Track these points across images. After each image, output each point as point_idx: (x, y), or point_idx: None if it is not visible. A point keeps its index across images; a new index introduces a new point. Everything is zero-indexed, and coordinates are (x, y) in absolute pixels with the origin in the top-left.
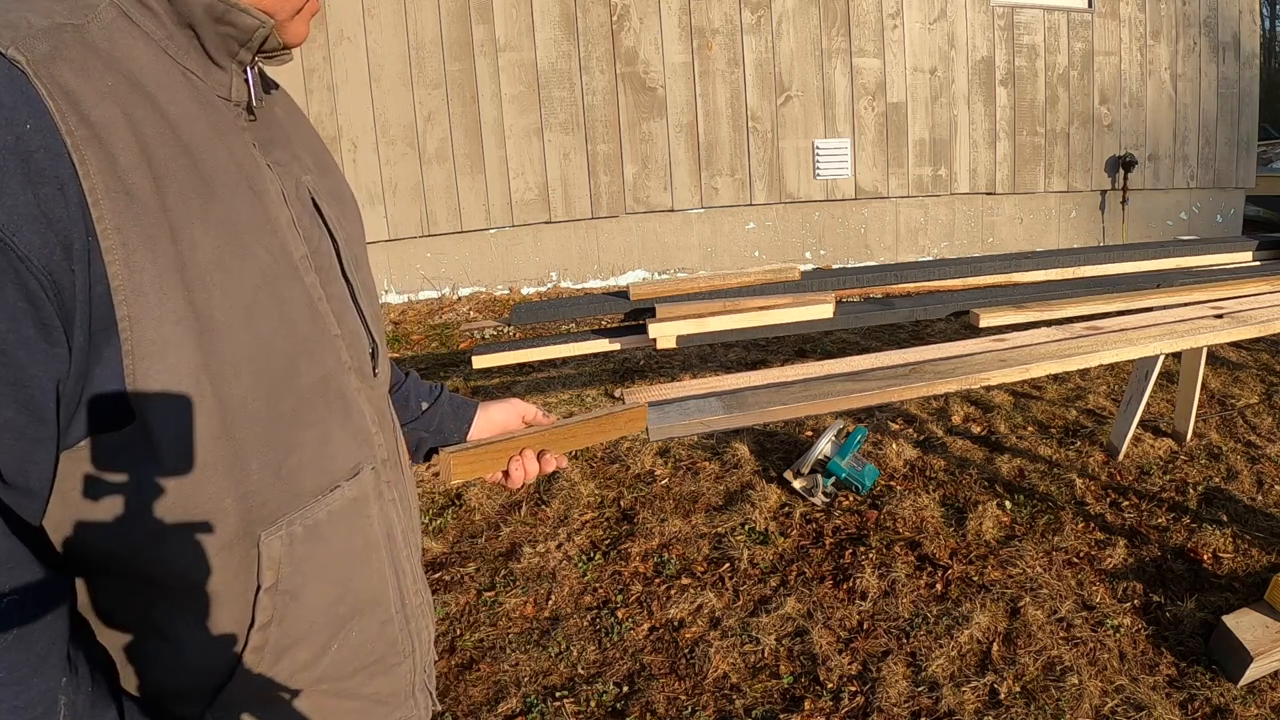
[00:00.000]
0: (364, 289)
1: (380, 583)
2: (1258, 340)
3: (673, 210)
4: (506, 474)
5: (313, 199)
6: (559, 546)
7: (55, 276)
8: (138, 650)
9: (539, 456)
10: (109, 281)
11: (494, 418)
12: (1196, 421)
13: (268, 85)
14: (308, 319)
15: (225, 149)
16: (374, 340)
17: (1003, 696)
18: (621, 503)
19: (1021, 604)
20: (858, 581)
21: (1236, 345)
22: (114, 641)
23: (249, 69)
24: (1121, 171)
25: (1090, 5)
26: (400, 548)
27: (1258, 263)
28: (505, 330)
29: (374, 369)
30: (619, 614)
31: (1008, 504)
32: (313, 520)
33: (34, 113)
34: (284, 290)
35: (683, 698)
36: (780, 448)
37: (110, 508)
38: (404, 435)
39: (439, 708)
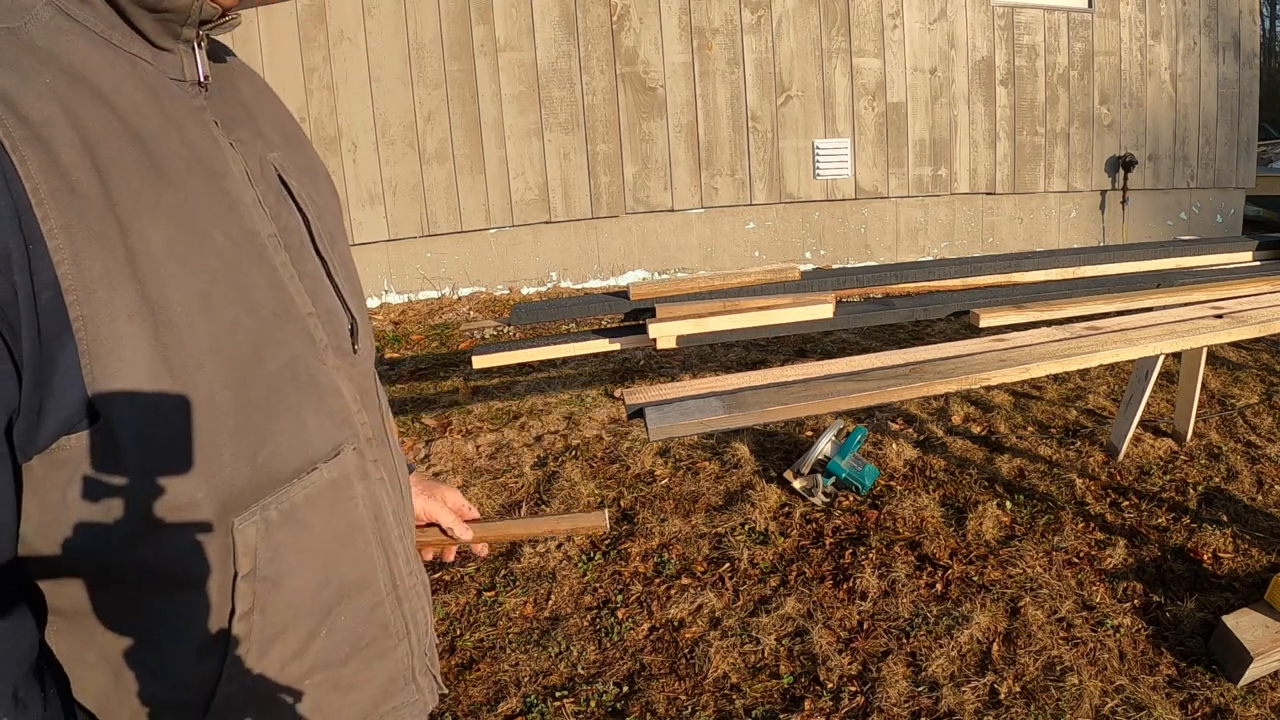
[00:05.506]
0: (340, 264)
1: (368, 565)
2: (1258, 340)
3: (673, 210)
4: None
5: (280, 176)
6: (559, 546)
7: None
8: (134, 661)
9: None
10: (59, 283)
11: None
12: (1196, 421)
13: (223, 57)
14: (274, 301)
15: (178, 134)
16: (353, 317)
17: (1003, 696)
18: (621, 503)
19: (1021, 604)
20: (858, 581)
21: (1236, 345)
22: (112, 656)
23: (197, 45)
24: (1121, 171)
25: (1090, 5)
26: (390, 527)
27: (1258, 263)
28: (505, 330)
29: (354, 346)
30: (619, 614)
31: (1008, 504)
32: (289, 504)
33: None
34: (247, 274)
35: (683, 698)
36: (780, 448)
37: (83, 510)
38: None
39: (445, 690)
